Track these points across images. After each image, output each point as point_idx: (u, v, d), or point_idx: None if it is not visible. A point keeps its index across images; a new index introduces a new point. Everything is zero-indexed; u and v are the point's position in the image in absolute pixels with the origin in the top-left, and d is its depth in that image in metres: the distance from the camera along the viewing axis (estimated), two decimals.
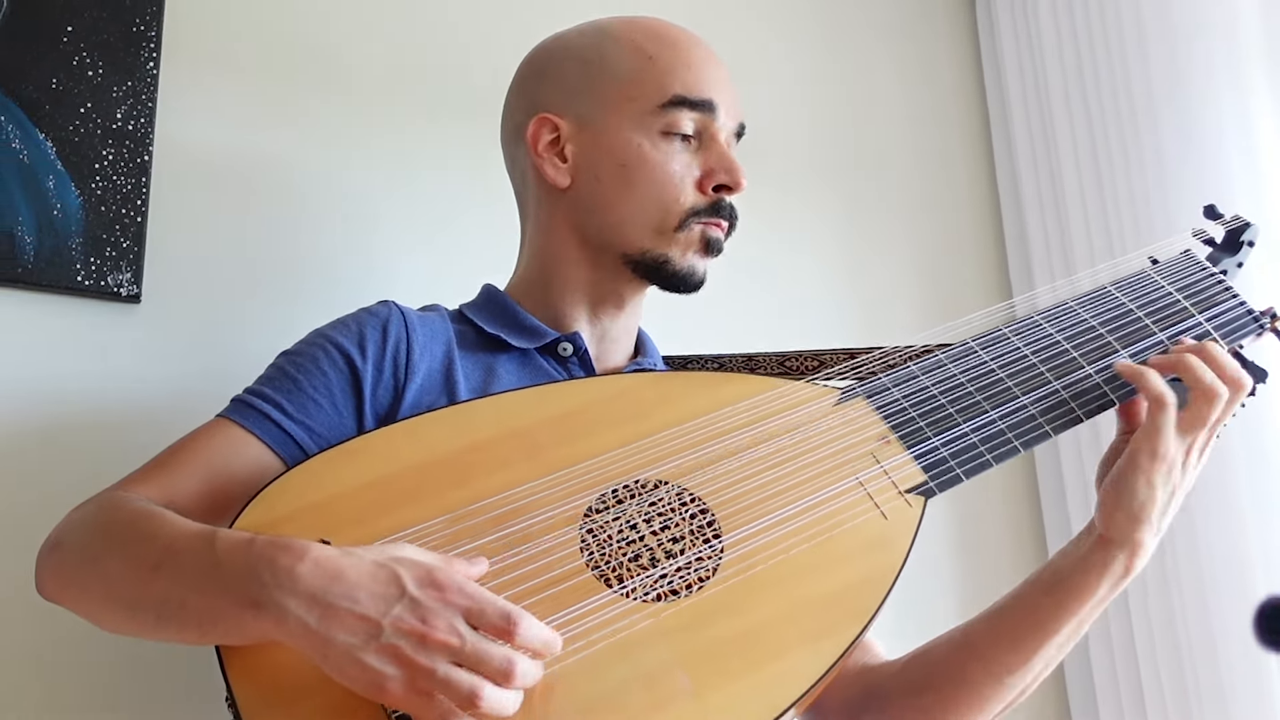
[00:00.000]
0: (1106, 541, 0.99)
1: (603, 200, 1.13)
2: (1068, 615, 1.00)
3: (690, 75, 1.13)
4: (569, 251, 1.15)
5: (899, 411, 1.01)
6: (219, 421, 1.01)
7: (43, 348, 1.26)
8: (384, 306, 1.11)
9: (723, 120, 1.14)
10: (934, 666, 1.07)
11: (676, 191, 1.11)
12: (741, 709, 0.83)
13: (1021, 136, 2.04)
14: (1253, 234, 1.14)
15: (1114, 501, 0.98)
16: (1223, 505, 1.62)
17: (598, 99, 1.13)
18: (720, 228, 1.14)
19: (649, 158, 1.11)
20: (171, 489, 0.95)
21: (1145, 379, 0.99)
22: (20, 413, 1.24)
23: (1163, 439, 0.96)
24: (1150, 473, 0.96)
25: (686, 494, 0.95)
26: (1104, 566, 0.98)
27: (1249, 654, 1.56)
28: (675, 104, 1.11)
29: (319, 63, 1.51)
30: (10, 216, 1.25)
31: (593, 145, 1.13)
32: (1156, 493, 0.97)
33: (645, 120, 1.12)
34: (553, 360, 1.14)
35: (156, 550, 0.84)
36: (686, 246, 1.12)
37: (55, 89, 1.30)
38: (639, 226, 1.12)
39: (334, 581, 0.76)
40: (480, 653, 0.74)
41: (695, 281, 1.14)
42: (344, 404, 1.03)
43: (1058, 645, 1.01)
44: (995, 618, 1.05)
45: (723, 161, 1.12)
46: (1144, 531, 0.97)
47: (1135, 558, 0.98)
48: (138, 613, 0.85)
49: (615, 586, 0.88)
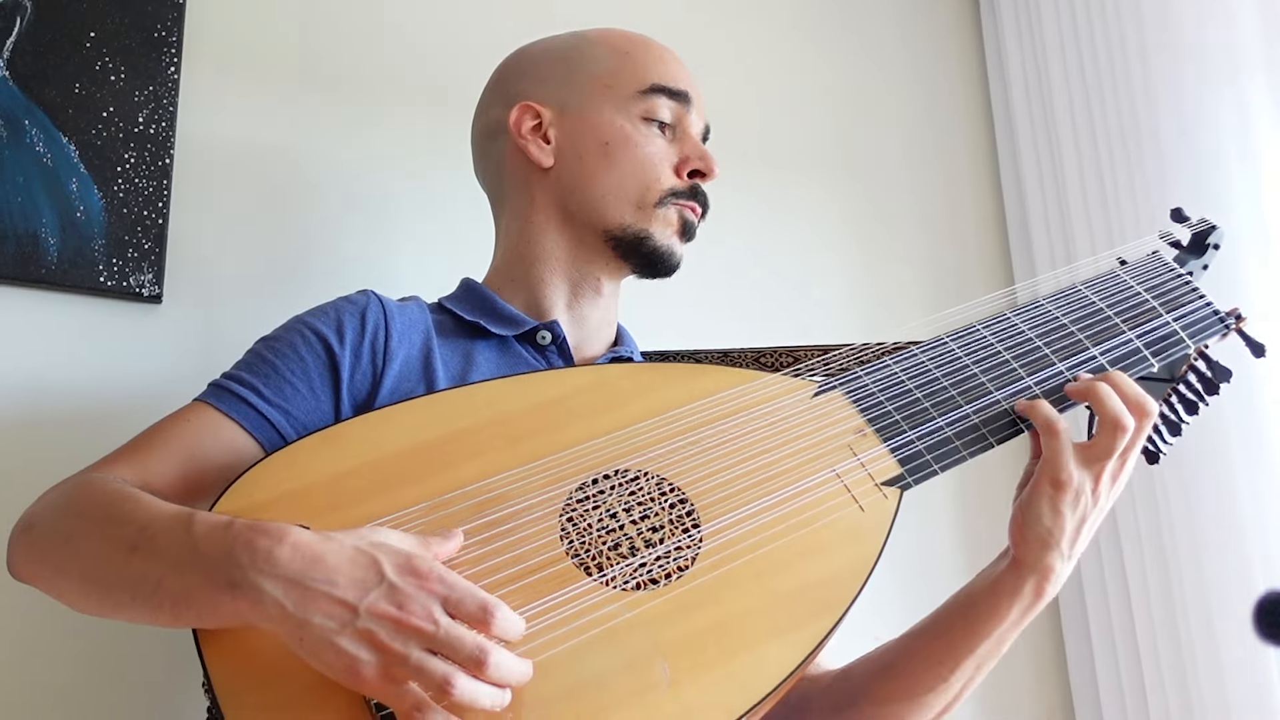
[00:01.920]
0: (1018, 565, 0.98)
1: (585, 176, 1.16)
2: (979, 637, 1.00)
3: (664, 68, 1.20)
4: (550, 234, 1.17)
5: (875, 405, 1.02)
6: (196, 405, 1.01)
7: (66, 347, 1.29)
8: (362, 295, 1.11)
9: (694, 116, 1.21)
10: (854, 685, 1.07)
11: (656, 171, 1.16)
12: (718, 698, 0.83)
13: (1024, 133, 2.06)
14: (1218, 237, 1.16)
15: (1021, 526, 0.98)
16: (1222, 503, 1.65)
17: (578, 89, 1.17)
18: (695, 211, 1.19)
19: (631, 136, 1.16)
20: (147, 471, 0.94)
21: (1034, 410, 1.00)
22: (44, 410, 1.26)
23: (1061, 467, 0.96)
24: (1055, 499, 0.96)
25: (666, 484, 0.95)
26: (1015, 590, 0.98)
27: (1248, 647, 1.58)
28: (655, 91, 1.18)
29: (336, 67, 1.54)
30: (34, 218, 1.27)
31: (575, 127, 1.17)
32: (1064, 520, 0.96)
33: (626, 105, 1.17)
34: (531, 349, 1.15)
35: (133, 531, 0.83)
36: (665, 225, 1.16)
37: (78, 93, 1.33)
38: (621, 201, 1.15)
39: (312, 565, 0.76)
40: (454, 639, 0.74)
41: (674, 262, 1.18)
42: (321, 389, 1.03)
43: (974, 665, 1.01)
44: (912, 638, 1.06)
45: (697, 150, 1.18)
46: (1052, 557, 0.97)
47: (1045, 582, 0.97)
48: (112, 593, 0.84)
49: (595, 575, 0.88)
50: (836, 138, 2.01)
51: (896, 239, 2.02)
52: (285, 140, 1.48)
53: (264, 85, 1.48)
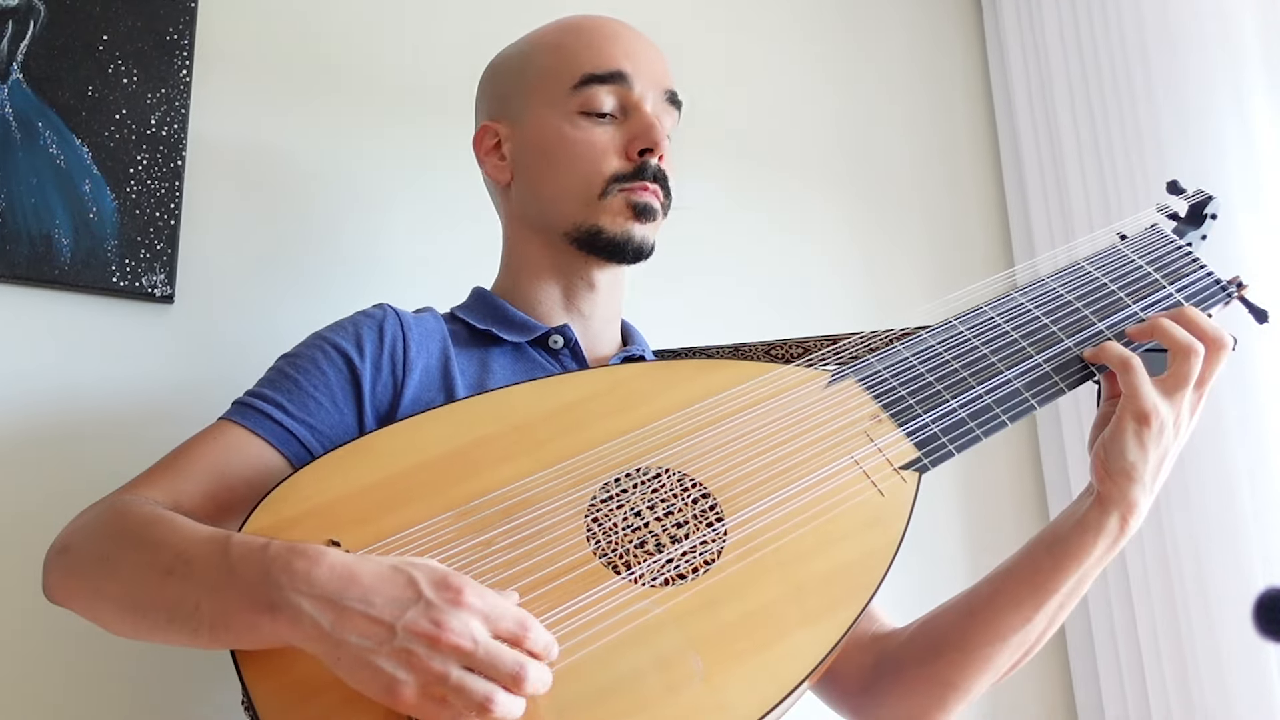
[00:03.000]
0: (1103, 501, 1.01)
1: (534, 185, 1.18)
2: (1066, 574, 1.02)
3: (594, 53, 1.16)
4: (527, 244, 1.20)
5: (888, 390, 1.03)
6: (222, 424, 1.02)
7: (79, 346, 1.30)
8: (379, 308, 1.13)
9: (640, 88, 1.16)
10: (940, 632, 1.09)
11: (597, 162, 1.14)
12: (751, 689, 0.84)
13: (1026, 129, 2.08)
14: (1214, 207, 1.17)
15: (1105, 464, 1.01)
16: (1222, 503, 1.67)
17: (521, 99, 1.19)
18: (646, 190, 1.15)
19: (567, 136, 1.15)
20: (177, 492, 0.95)
21: (1106, 350, 1.03)
22: (57, 409, 1.27)
23: (1144, 397, 0.99)
24: (1140, 433, 0.99)
25: (688, 479, 0.97)
26: (1100, 526, 1.01)
27: (1248, 646, 1.61)
28: (585, 83, 1.15)
29: (345, 70, 1.55)
30: (48, 219, 1.29)
31: (521, 139, 1.18)
32: (1148, 453, 0.99)
33: (560, 104, 1.16)
34: (544, 353, 1.16)
35: (169, 555, 0.84)
36: (615, 214, 1.14)
37: (91, 96, 1.35)
38: (566, 201, 1.15)
39: (349, 585, 0.76)
40: (494, 657, 0.74)
41: (633, 247, 1.15)
42: (344, 402, 1.04)
43: (1057, 604, 1.03)
44: (997, 580, 1.07)
45: (641, 125, 1.14)
46: (1136, 491, 1.00)
47: (1130, 517, 1.00)
48: (149, 615, 0.85)
49: (623, 573, 0.89)
50: (841, 138, 2.02)
51: (902, 232, 2.04)
52: (295, 143, 1.50)
53: (275, 88, 1.49)
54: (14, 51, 1.31)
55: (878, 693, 1.11)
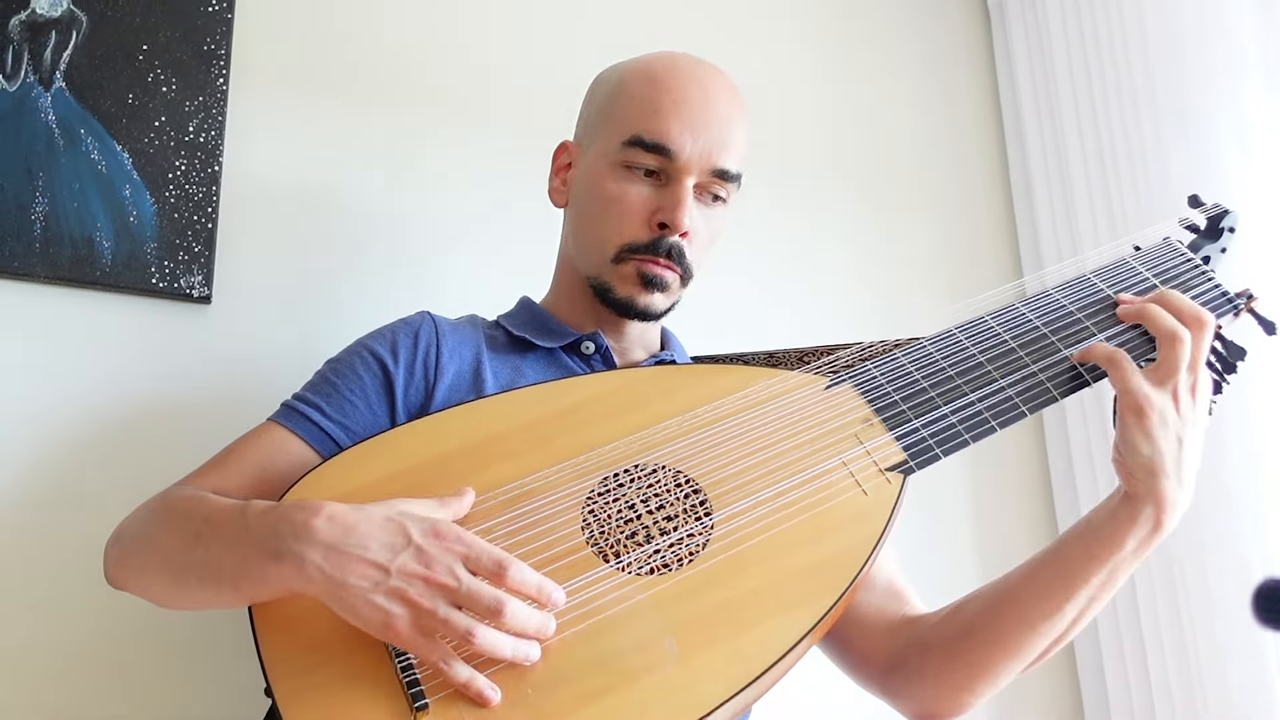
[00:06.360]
0: (1130, 497, 1.01)
1: (574, 222, 1.25)
2: (1097, 564, 1.02)
3: (653, 117, 1.17)
4: (573, 267, 1.26)
5: (882, 395, 1.08)
6: (267, 424, 1.13)
7: (120, 346, 1.38)
8: (418, 316, 1.22)
9: (684, 163, 1.16)
10: (971, 616, 1.10)
11: (619, 224, 1.18)
12: (721, 671, 0.90)
13: (1033, 135, 2.10)
14: (1232, 220, 1.18)
15: (1123, 463, 1.02)
16: (1222, 502, 1.66)
17: (594, 131, 1.24)
18: (657, 264, 1.18)
19: (605, 190, 1.19)
20: (222, 484, 1.06)
21: (1092, 349, 1.05)
22: (100, 406, 1.35)
23: (1135, 391, 1.00)
24: (1142, 426, 0.99)
25: (682, 476, 1.03)
26: (1131, 520, 1.01)
27: (1248, 640, 1.61)
28: (633, 144, 1.17)
29: (379, 78, 1.62)
30: (90, 223, 1.37)
31: (580, 173, 1.24)
32: (1159, 443, 0.99)
33: (610, 154, 1.19)
34: (577, 358, 1.23)
35: (197, 522, 0.96)
36: (625, 279, 1.19)
37: (131, 104, 1.42)
38: (590, 252, 1.22)
39: (347, 533, 0.87)
40: (474, 593, 0.85)
41: (636, 311, 1.20)
42: (378, 404, 1.13)
43: (1088, 596, 1.03)
44: (1029, 567, 1.08)
45: (670, 200, 1.16)
46: (1162, 483, 1.00)
47: (1163, 512, 1.00)
48: (184, 579, 0.97)
49: (612, 561, 0.96)
50: (853, 144, 2.04)
51: (911, 237, 2.05)
52: (328, 149, 1.56)
53: (309, 96, 1.55)
54: (57, 61, 1.38)
55: (909, 672, 1.13)
